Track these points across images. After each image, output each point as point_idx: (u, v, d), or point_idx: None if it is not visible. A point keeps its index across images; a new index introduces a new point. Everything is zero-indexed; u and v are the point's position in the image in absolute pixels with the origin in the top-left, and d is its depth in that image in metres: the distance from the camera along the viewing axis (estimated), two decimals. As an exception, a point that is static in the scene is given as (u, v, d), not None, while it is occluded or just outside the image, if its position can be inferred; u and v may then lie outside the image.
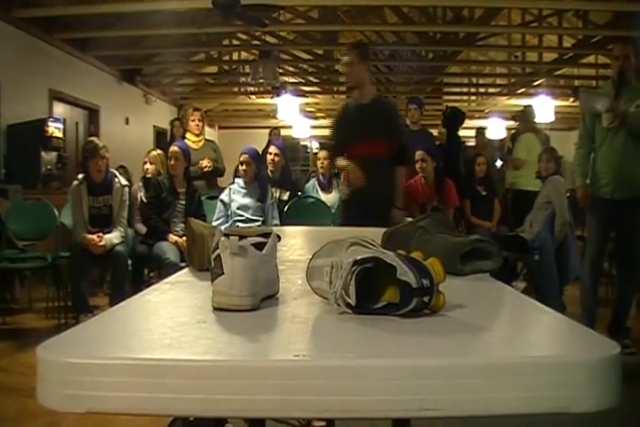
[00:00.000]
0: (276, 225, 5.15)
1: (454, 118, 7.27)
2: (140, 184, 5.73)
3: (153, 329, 0.90)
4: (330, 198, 6.21)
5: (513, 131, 8.56)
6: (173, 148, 5.40)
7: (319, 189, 6.49)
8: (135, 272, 5.17)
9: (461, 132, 7.29)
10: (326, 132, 7.24)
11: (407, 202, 5.82)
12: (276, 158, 6.12)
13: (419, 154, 5.74)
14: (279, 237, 1.18)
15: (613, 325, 4.40)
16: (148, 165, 6.01)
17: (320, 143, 15.96)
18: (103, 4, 7.52)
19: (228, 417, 0.69)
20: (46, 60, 8.15)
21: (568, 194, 5.65)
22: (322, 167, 6.62)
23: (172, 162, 5.29)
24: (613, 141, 4.33)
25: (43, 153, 7.11)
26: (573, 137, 18.13)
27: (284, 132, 10.37)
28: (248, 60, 11.11)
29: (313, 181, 6.64)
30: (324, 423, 2.36)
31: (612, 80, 4.46)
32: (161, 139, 12.04)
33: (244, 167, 5.53)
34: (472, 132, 8.99)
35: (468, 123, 15.81)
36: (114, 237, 4.85)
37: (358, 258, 0.96)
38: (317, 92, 13.80)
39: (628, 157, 4.31)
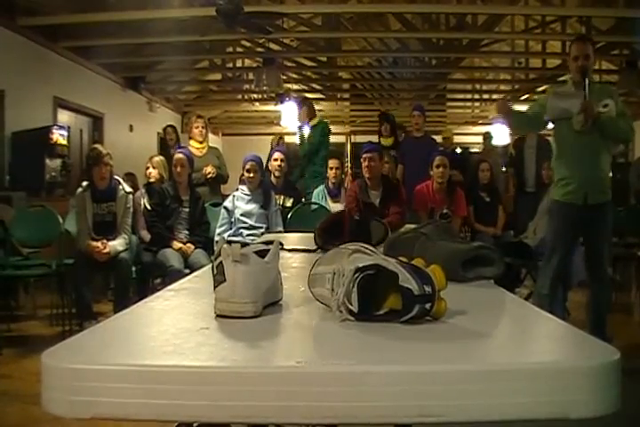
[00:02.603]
0: (279, 232, 5.15)
1: None
2: (143, 191, 5.72)
3: (156, 336, 0.91)
4: (338, 207, 6.10)
5: (516, 137, 8.56)
6: (178, 155, 5.41)
7: (328, 197, 6.41)
8: (139, 279, 5.18)
9: (466, 139, 7.32)
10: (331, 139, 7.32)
11: (416, 206, 5.84)
12: (282, 164, 6.13)
13: (439, 159, 5.72)
14: (282, 245, 1.19)
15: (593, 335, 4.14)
16: (151, 170, 5.98)
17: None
18: (107, 11, 7.54)
19: (231, 423, 0.70)
20: (50, 67, 8.18)
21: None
22: (334, 176, 6.50)
23: (178, 169, 5.30)
24: (584, 145, 4.10)
25: (47, 160, 7.13)
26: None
27: (287, 138, 10.36)
28: (252, 68, 11.14)
29: (322, 188, 6.55)
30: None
31: (572, 81, 4.23)
32: (165, 146, 12.06)
33: (251, 175, 5.53)
34: (477, 138, 9.03)
35: (471, 129, 15.84)
36: (118, 244, 4.85)
37: (360, 265, 0.97)
38: (321, 99, 13.82)
39: (599, 160, 4.15)
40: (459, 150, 9.44)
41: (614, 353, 0.76)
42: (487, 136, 8.96)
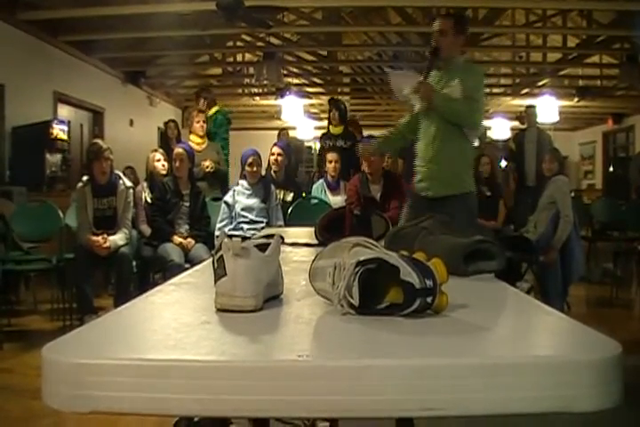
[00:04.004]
0: (280, 226, 5.15)
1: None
2: (145, 185, 5.71)
3: (157, 330, 0.91)
4: (337, 200, 6.09)
5: (516, 131, 8.54)
6: (178, 150, 5.40)
7: (327, 191, 6.38)
8: (139, 274, 5.18)
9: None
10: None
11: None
12: (279, 158, 6.12)
13: None
14: (283, 239, 1.18)
15: None
16: (163, 162, 5.86)
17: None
18: (107, 6, 7.53)
19: (232, 417, 0.70)
20: (51, 62, 8.17)
21: (572, 194, 5.62)
22: (333, 170, 6.43)
23: (177, 164, 5.30)
24: (427, 130, 3.71)
25: (47, 155, 7.13)
26: (577, 137, 18.07)
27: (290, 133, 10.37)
28: (252, 62, 11.12)
29: (321, 182, 6.51)
30: (327, 424, 2.36)
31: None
32: (166, 140, 12.06)
33: (254, 168, 5.54)
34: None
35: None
36: (118, 238, 4.85)
37: (361, 259, 0.96)
38: (321, 93, 13.79)
39: (443, 147, 3.68)
40: None
41: (617, 347, 0.76)
42: (531, 112, 8.18)
